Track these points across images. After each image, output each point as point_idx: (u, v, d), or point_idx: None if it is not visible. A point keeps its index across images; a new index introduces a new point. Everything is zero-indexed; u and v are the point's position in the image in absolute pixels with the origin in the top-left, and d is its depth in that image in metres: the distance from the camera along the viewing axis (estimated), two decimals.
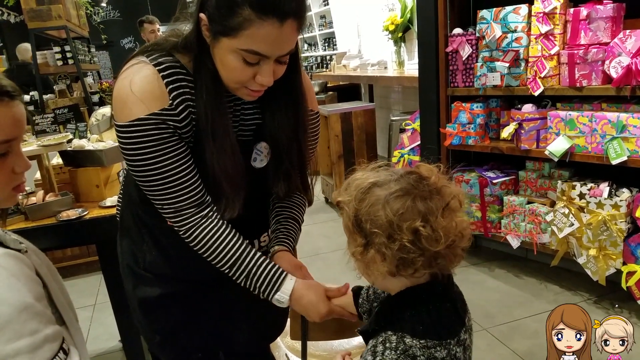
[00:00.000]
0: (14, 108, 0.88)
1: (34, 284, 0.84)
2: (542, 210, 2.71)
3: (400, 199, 0.82)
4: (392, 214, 0.81)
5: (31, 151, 1.94)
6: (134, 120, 1.00)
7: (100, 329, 2.77)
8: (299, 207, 1.34)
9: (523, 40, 2.63)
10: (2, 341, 0.74)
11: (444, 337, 0.84)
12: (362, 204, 0.85)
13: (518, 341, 2.35)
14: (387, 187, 0.84)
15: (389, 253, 0.82)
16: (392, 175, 0.87)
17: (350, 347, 1.65)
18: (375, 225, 0.82)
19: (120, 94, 1.02)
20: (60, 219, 1.84)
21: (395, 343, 0.83)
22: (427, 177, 0.86)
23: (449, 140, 3.02)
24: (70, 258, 3.50)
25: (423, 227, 0.80)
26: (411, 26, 4.48)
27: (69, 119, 2.58)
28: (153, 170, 1.03)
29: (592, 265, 2.50)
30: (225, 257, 1.11)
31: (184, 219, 1.09)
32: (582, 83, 2.45)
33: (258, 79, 1.02)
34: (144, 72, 1.02)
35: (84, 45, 5.98)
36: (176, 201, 1.07)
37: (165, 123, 1.01)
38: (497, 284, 2.89)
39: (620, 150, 2.30)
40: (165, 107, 1.01)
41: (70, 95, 5.69)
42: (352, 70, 5.46)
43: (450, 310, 0.89)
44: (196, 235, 1.09)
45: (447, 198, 0.84)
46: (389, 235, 0.81)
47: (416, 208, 0.82)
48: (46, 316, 0.82)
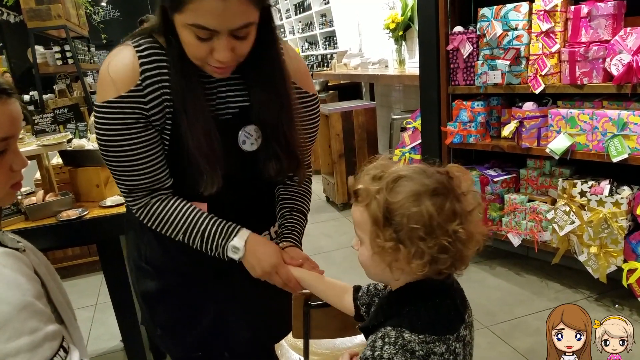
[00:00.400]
0: (10, 106, 0.88)
1: (33, 282, 0.84)
2: (543, 208, 2.71)
3: (438, 197, 0.81)
4: (433, 211, 0.79)
5: (31, 151, 1.93)
6: (104, 102, 1.05)
7: (101, 329, 2.77)
8: (303, 197, 1.32)
9: (524, 38, 2.63)
10: (2, 340, 0.74)
11: (443, 333, 0.84)
12: (395, 195, 0.81)
13: (519, 339, 2.35)
14: (420, 183, 0.82)
15: (427, 251, 0.80)
16: (422, 171, 0.84)
17: (353, 345, 1.65)
18: (413, 221, 0.79)
19: (100, 76, 1.07)
20: (60, 218, 1.83)
21: (394, 338, 0.83)
22: (457, 179, 0.85)
23: (450, 138, 3.01)
24: (71, 258, 3.50)
25: (462, 229, 0.80)
26: (412, 24, 4.48)
27: (69, 119, 2.57)
28: (114, 151, 1.07)
29: (593, 262, 2.49)
30: (179, 223, 1.13)
31: (135, 199, 1.14)
32: (583, 81, 2.44)
33: (215, 56, 1.00)
34: (123, 53, 1.06)
35: (83, 45, 5.97)
36: (131, 184, 1.11)
37: (131, 107, 1.05)
38: (498, 282, 2.89)
39: (621, 148, 2.29)
40: (132, 88, 1.04)
41: (70, 95, 5.69)
42: (353, 69, 5.45)
43: (450, 306, 0.88)
44: (146, 212, 1.14)
45: (472, 204, 0.84)
46: (427, 232, 0.79)
47: (453, 208, 0.81)
48: (46, 315, 0.82)
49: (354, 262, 0.99)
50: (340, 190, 4.44)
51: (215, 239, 1.13)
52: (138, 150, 1.08)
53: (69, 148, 2.04)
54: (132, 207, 1.16)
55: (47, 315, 0.83)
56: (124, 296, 2.06)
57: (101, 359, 2.54)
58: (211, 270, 1.26)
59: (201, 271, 1.26)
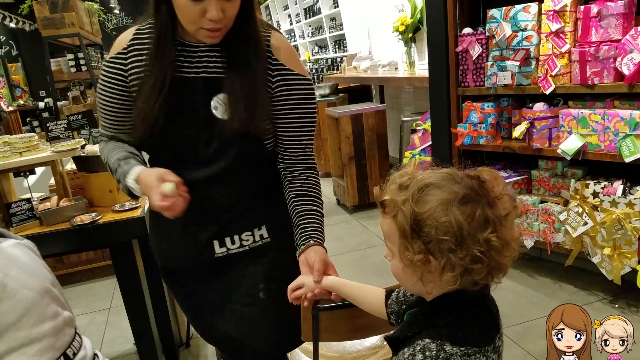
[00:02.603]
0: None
1: (46, 271, 0.86)
2: (555, 209, 2.69)
3: (469, 205, 0.77)
4: (463, 220, 0.75)
5: (45, 157, 1.96)
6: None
7: (115, 332, 2.80)
8: (316, 191, 1.31)
9: (533, 39, 2.62)
10: (29, 325, 0.75)
11: (483, 344, 0.81)
12: (423, 206, 0.78)
13: (532, 341, 2.33)
14: (449, 190, 0.78)
15: (458, 262, 0.76)
16: (451, 177, 0.81)
17: (363, 348, 1.65)
18: (442, 232, 0.76)
19: None
20: (74, 223, 1.86)
21: (435, 351, 0.79)
22: (489, 183, 0.81)
23: (460, 140, 3.01)
24: (86, 262, 3.54)
25: (495, 237, 0.76)
26: (421, 26, 4.47)
27: (83, 125, 2.61)
28: (98, 99, 1.27)
29: (606, 264, 2.47)
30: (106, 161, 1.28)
31: (101, 139, 1.35)
32: (594, 81, 2.42)
33: (207, 15, 1.08)
34: (128, 30, 1.25)
35: (97, 52, 6.06)
36: (102, 126, 1.32)
37: (114, 68, 1.22)
38: (511, 284, 2.87)
39: (633, 148, 2.27)
40: (119, 51, 1.22)
41: (84, 102, 5.76)
42: (363, 72, 5.46)
43: (487, 317, 0.86)
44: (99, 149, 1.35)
45: (506, 208, 0.81)
46: (458, 243, 0.76)
47: (485, 216, 0.77)
48: (61, 301, 0.84)
49: (364, 265, 0.99)
50: (350, 192, 4.44)
51: (119, 173, 1.23)
52: (109, 103, 1.25)
53: (82, 154, 2.07)
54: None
55: (62, 302, 0.85)
56: (137, 300, 2.08)
57: None
58: (192, 269, 1.34)
59: (184, 270, 1.35)
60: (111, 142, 1.31)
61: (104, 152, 1.30)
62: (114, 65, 1.22)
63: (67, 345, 0.80)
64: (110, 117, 1.28)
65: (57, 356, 0.78)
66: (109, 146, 1.30)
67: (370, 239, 3.78)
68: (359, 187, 4.43)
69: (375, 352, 1.62)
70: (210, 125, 1.20)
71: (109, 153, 1.28)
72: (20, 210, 1.87)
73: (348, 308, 1.22)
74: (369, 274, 3.14)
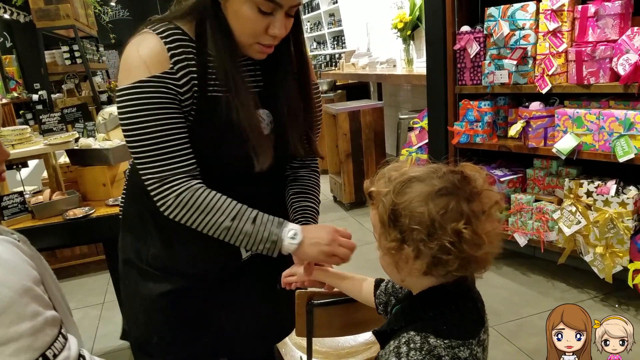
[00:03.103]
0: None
1: (30, 269, 0.84)
2: (549, 208, 2.70)
3: (444, 198, 0.79)
4: (435, 212, 0.78)
5: (38, 150, 1.95)
6: (135, 82, 1.02)
7: (109, 327, 2.79)
8: (315, 190, 1.32)
9: (531, 38, 2.62)
10: (5, 324, 0.74)
11: (467, 337, 0.83)
12: (402, 197, 0.81)
13: (524, 339, 2.34)
14: (430, 184, 0.81)
15: (426, 252, 0.79)
16: (434, 171, 0.84)
17: (356, 344, 1.66)
18: (416, 222, 0.79)
19: (126, 60, 1.06)
20: (67, 217, 1.85)
21: (419, 343, 0.81)
22: (471, 178, 0.83)
23: (456, 138, 3.01)
24: (79, 257, 3.53)
25: (466, 229, 0.77)
26: (420, 24, 4.46)
27: (78, 118, 2.60)
28: (147, 133, 1.03)
29: (599, 263, 2.48)
30: (227, 211, 1.07)
31: (172, 185, 1.06)
32: (590, 80, 2.43)
33: (270, 31, 1.04)
34: (148, 39, 1.06)
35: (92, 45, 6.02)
36: (167, 168, 1.05)
37: (166, 87, 1.04)
38: (504, 282, 2.88)
39: (627, 148, 2.28)
40: (166, 70, 1.04)
41: (78, 95, 5.73)
42: (361, 69, 5.45)
43: (472, 310, 0.87)
44: (187, 200, 1.06)
45: (488, 203, 0.82)
46: (429, 233, 0.78)
47: (460, 209, 0.79)
48: (44, 300, 0.82)
49: (360, 262, 0.99)
50: (347, 190, 4.44)
51: (267, 227, 1.09)
52: (174, 131, 1.05)
53: (75, 147, 2.06)
54: (165, 197, 1.06)
55: (46, 301, 0.83)
56: None
57: (108, 356, 2.56)
58: (218, 275, 1.26)
59: (208, 275, 1.25)
60: (215, 192, 1.10)
61: (221, 204, 1.08)
62: (165, 84, 1.04)
63: (47, 346, 0.78)
64: (182, 146, 1.06)
65: (36, 357, 0.76)
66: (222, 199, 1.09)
67: (367, 236, 3.78)
68: (355, 184, 4.43)
69: (368, 348, 1.62)
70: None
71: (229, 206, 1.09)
72: (13, 203, 1.86)
73: (342, 304, 1.22)
74: (364, 271, 3.11)
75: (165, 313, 1.25)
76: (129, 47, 1.07)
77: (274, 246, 1.09)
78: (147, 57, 1.03)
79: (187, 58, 1.06)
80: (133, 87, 1.02)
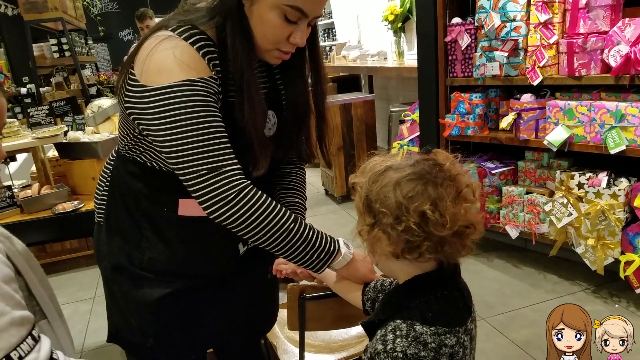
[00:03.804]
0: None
1: (2, 265, 0.81)
2: (540, 200, 2.71)
3: (411, 182, 0.83)
4: (401, 196, 0.82)
5: (26, 143, 1.92)
6: (184, 80, 0.96)
7: (99, 322, 2.77)
8: (302, 186, 1.33)
9: (522, 30, 2.61)
10: None
11: (453, 325, 0.84)
12: (375, 185, 0.86)
13: (516, 331, 2.35)
14: (402, 171, 0.85)
15: (394, 234, 0.83)
16: (409, 160, 0.88)
17: (349, 337, 1.66)
18: (384, 206, 0.84)
19: (164, 62, 0.98)
20: (56, 211, 1.83)
21: (405, 331, 0.83)
22: (442, 164, 0.86)
23: (448, 130, 3.01)
24: (70, 251, 3.49)
25: (431, 211, 0.80)
26: (411, 16, 4.45)
27: (67, 112, 2.57)
28: (196, 130, 0.96)
29: (590, 254, 2.49)
30: (282, 220, 1.01)
31: (228, 181, 0.97)
32: (581, 72, 2.43)
33: (292, 39, 1.05)
34: (182, 45, 1.00)
35: (80, 38, 5.95)
36: (221, 158, 0.97)
37: (212, 90, 1.01)
38: (496, 274, 2.89)
39: (618, 140, 2.28)
40: (212, 75, 1.01)
41: (67, 88, 5.67)
42: (352, 61, 5.43)
43: (458, 299, 0.89)
44: (245, 194, 0.98)
45: (460, 186, 0.85)
46: (396, 216, 0.82)
47: (427, 192, 0.82)
48: (14, 299, 0.79)
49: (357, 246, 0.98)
50: (339, 183, 4.43)
51: (324, 236, 1.07)
52: (222, 127, 1.00)
53: (64, 140, 2.03)
54: (218, 190, 0.96)
55: (16, 300, 0.80)
56: None
57: (99, 351, 2.55)
58: (216, 274, 1.25)
59: (207, 272, 1.24)
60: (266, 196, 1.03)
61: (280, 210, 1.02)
62: (213, 87, 1.01)
63: (11, 347, 0.75)
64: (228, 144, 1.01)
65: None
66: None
67: None
68: (347, 177, 4.42)
69: (361, 341, 1.62)
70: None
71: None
72: (1, 197, 1.84)
73: (334, 297, 1.22)
74: None
75: (161, 316, 1.22)
76: (162, 51, 0.98)
77: (328, 258, 1.07)
78: (190, 62, 0.98)
79: (215, 65, 1.04)
80: (183, 85, 0.96)
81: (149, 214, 1.16)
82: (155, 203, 1.14)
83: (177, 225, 1.12)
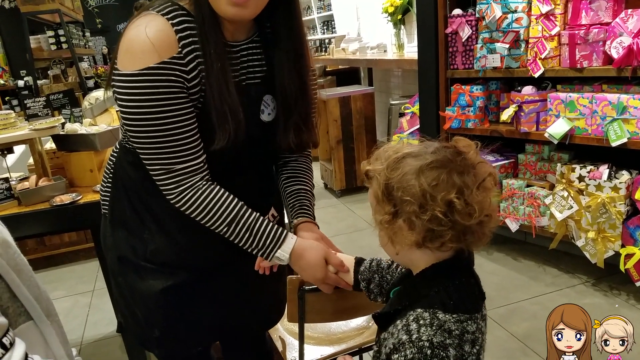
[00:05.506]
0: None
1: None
2: (541, 193, 2.70)
3: (435, 170, 0.81)
4: (426, 184, 0.80)
5: (23, 135, 1.91)
6: (144, 69, 0.97)
7: (99, 315, 2.77)
8: (308, 174, 1.32)
9: (523, 21, 2.59)
10: None
11: (473, 311, 0.84)
12: (395, 172, 0.83)
13: (516, 323, 2.35)
14: (423, 158, 0.83)
15: (418, 223, 0.81)
16: (428, 147, 0.86)
17: (348, 329, 1.65)
18: (408, 194, 0.81)
19: (132, 42, 0.99)
20: (53, 203, 1.82)
21: (429, 319, 0.82)
22: (464, 152, 0.85)
23: (448, 123, 2.99)
24: (68, 244, 3.49)
25: (457, 199, 0.79)
26: (411, 8, 4.41)
27: (64, 104, 2.55)
28: (155, 124, 1.00)
29: (590, 247, 2.48)
30: (224, 214, 1.08)
31: (178, 180, 1.06)
32: (583, 64, 2.41)
33: None
34: (156, 21, 1.01)
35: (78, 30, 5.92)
36: (173, 162, 1.04)
37: (175, 74, 1.00)
38: (496, 267, 2.89)
39: (620, 132, 2.27)
40: (174, 55, 1.00)
41: (65, 81, 5.64)
42: (351, 54, 5.40)
43: (474, 286, 0.89)
44: (190, 196, 1.06)
45: (482, 175, 0.83)
46: (420, 204, 0.80)
47: (451, 180, 0.80)
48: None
49: (351, 249, 0.99)
50: (338, 176, 4.42)
51: (261, 244, 1.11)
52: (183, 122, 1.02)
53: (62, 132, 2.02)
54: (172, 192, 1.06)
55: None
56: None
57: (98, 344, 2.54)
58: (220, 263, 1.24)
59: (210, 263, 1.24)
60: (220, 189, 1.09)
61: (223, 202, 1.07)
62: (175, 70, 1.00)
63: None
64: (190, 138, 1.04)
65: None
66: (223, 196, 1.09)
67: (357, 222, 3.77)
68: (346, 170, 4.41)
69: (360, 333, 1.62)
70: (262, 131, 1.17)
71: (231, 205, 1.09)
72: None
73: (333, 290, 1.21)
74: None
75: (166, 307, 1.23)
76: (134, 28, 1.01)
77: (275, 244, 1.11)
78: (156, 40, 0.98)
79: (194, 41, 1.03)
80: (141, 74, 0.97)
81: (149, 204, 1.17)
82: (155, 193, 1.13)
83: (177, 215, 1.11)
